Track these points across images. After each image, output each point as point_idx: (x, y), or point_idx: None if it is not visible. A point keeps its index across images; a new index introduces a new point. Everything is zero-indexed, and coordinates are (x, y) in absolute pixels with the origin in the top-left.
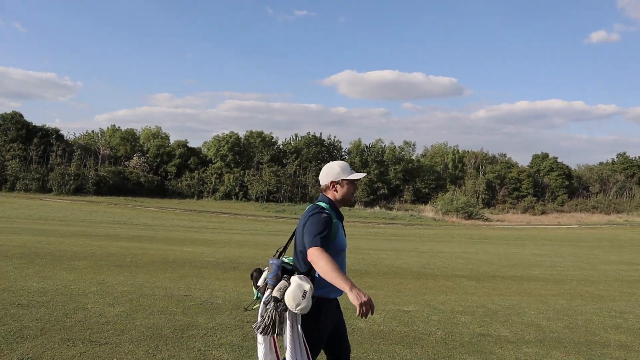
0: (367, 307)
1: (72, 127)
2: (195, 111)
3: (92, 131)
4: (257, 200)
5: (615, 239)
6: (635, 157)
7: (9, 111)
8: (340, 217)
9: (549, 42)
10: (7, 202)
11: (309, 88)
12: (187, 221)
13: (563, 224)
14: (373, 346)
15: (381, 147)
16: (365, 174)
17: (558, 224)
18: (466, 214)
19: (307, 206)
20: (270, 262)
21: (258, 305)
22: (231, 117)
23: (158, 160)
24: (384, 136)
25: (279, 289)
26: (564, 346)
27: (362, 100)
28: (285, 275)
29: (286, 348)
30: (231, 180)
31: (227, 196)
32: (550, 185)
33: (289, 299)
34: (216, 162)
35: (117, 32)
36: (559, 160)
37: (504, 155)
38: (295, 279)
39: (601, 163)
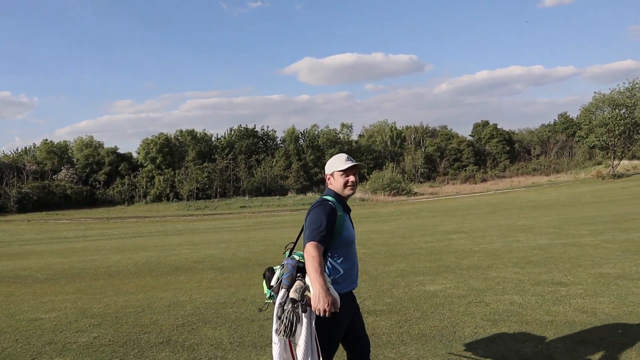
0: (322, 313)
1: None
2: (158, 114)
3: (25, 148)
4: (188, 199)
5: (506, 203)
6: (575, 117)
7: None
8: (347, 210)
9: (504, 9)
10: None
11: (270, 79)
12: (76, 231)
13: (488, 190)
14: None
15: (316, 132)
16: (352, 163)
17: (484, 191)
18: (394, 191)
19: (233, 200)
20: (285, 262)
21: (270, 303)
22: (194, 116)
23: (87, 170)
24: (350, 119)
25: (296, 290)
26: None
27: (324, 86)
28: (299, 274)
29: (298, 346)
30: (161, 182)
31: (158, 198)
32: (491, 152)
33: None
34: (147, 165)
35: (69, 43)
36: (499, 126)
37: (445, 127)
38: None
39: (542, 125)
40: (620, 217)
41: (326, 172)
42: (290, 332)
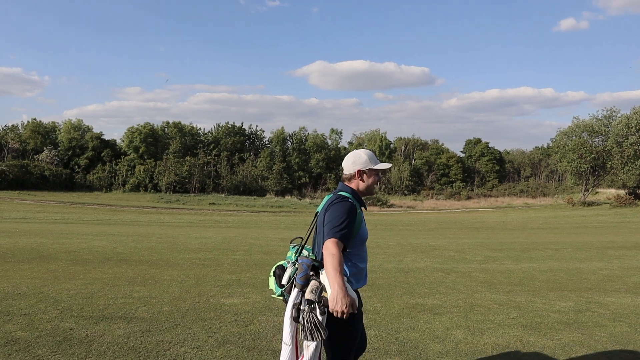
0: (339, 315)
1: None
2: (166, 105)
3: (14, 125)
4: (166, 191)
5: (456, 222)
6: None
7: None
8: (363, 206)
9: (519, 30)
10: None
11: (280, 79)
12: (26, 212)
13: (464, 208)
14: None
15: (304, 136)
16: (391, 165)
17: (458, 209)
18: (369, 201)
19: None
20: (300, 261)
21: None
22: (203, 110)
23: (70, 153)
24: (357, 127)
25: (312, 291)
26: None
27: (333, 90)
28: (312, 273)
29: (307, 347)
30: (142, 172)
31: (137, 188)
32: (480, 170)
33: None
34: (130, 154)
35: (85, 26)
36: (491, 145)
37: (437, 142)
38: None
39: (536, 147)
40: (535, 245)
41: (359, 167)
42: (315, 334)
